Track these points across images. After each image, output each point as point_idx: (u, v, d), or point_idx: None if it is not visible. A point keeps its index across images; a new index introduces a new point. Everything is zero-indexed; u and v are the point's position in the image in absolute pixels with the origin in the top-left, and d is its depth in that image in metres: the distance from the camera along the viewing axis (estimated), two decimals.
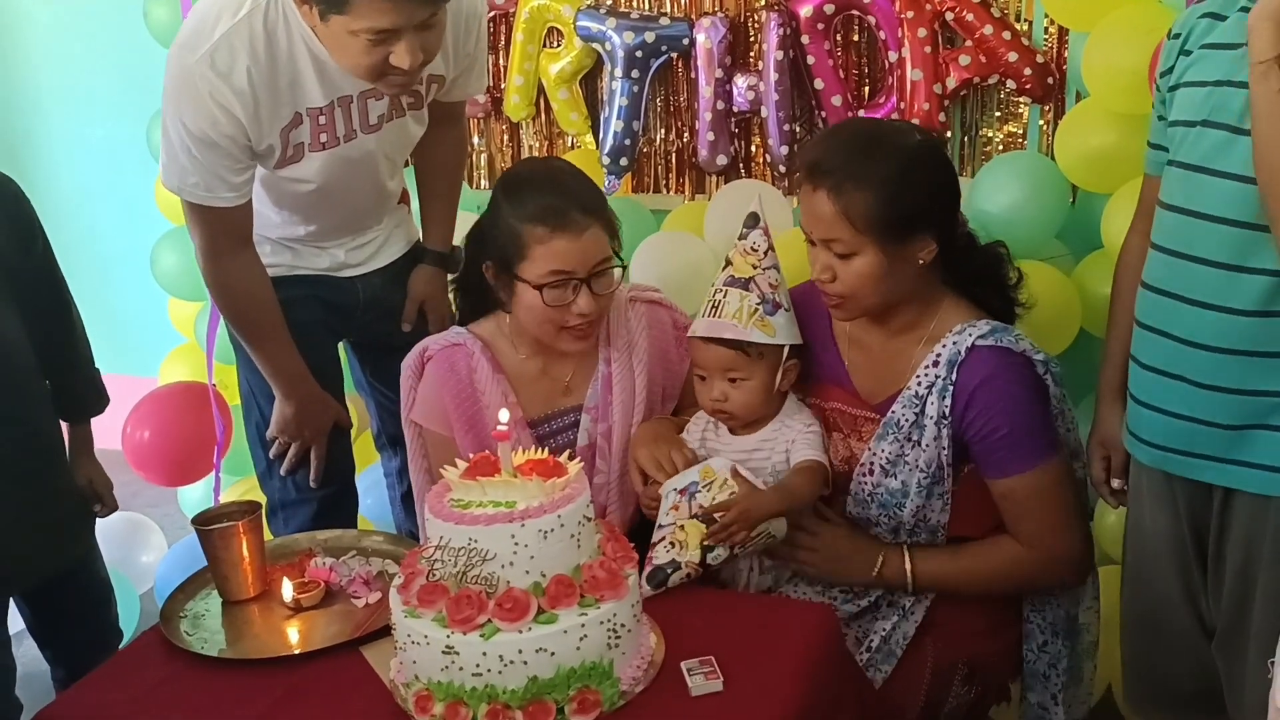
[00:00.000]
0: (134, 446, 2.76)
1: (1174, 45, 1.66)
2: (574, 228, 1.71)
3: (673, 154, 2.95)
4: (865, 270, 1.64)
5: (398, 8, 1.63)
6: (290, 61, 1.79)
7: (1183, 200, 1.58)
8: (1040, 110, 2.64)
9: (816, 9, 2.64)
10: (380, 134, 1.95)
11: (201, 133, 1.77)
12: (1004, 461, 1.66)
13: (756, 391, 1.73)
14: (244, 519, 1.62)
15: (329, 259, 2.10)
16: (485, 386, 1.82)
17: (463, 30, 1.93)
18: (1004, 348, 1.65)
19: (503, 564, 1.29)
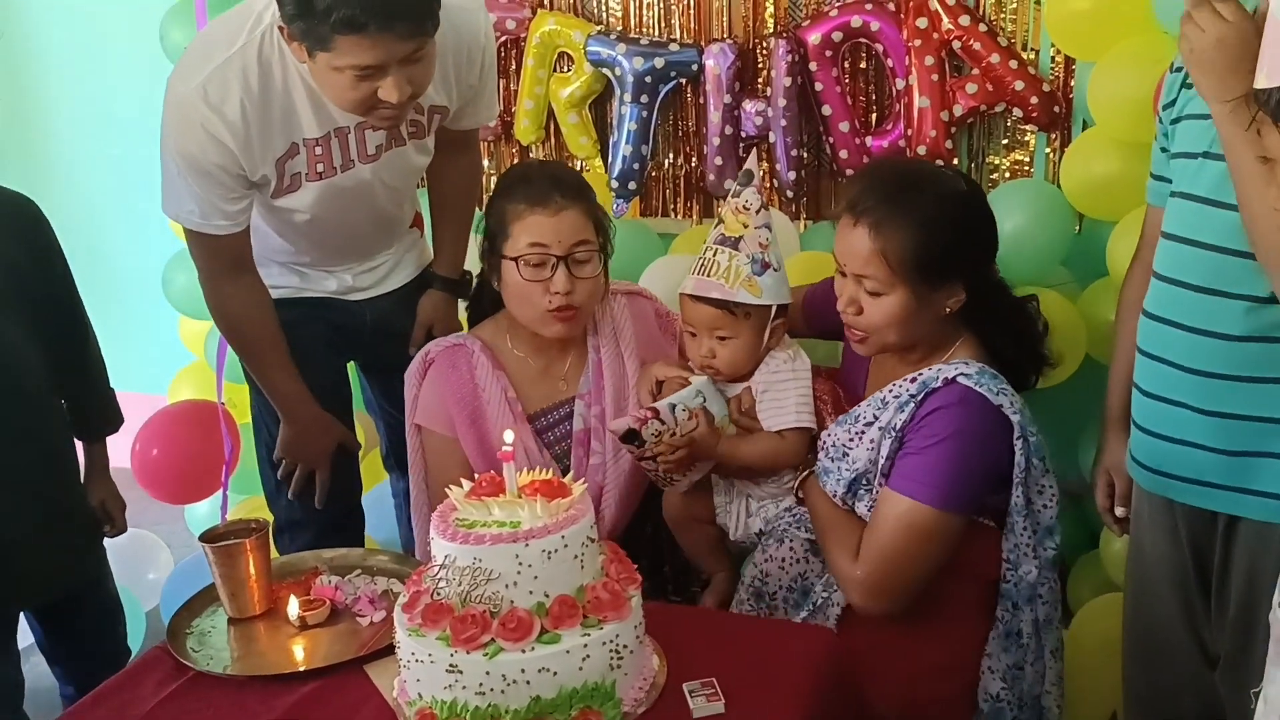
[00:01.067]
0: (142, 464, 2.77)
1: (1176, 78, 1.67)
2: (551, 205, 1.80)
3: (681, 178, 2.97)
4: (892, 310, 1.64)
5: (379, 45, 1.63)
6: (285, 94, 1.81)
7: (1187, 231, 1.59)
8: (1047, 138, 2.65)
9: (825, 36, 2.67)
10: (378, 163, 1.96)
11: (194, 161, 1.81)
12: (900, 476, 1.62)
13: (742, 350, 1.78)
14: (251, 537, 1.63)
15: (336, 282, 2.12)
16: (485, 383, 1.89)
17: (464, 60, 1.93)
18: (980, 393, 1.61)
19: (507, 584, 1.30)
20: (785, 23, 2.77)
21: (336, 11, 1.59)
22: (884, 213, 1.60)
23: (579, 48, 2.84)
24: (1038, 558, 1.69)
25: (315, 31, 1.63)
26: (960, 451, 1.60)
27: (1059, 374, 2.45)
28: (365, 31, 1.61)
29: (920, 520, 1.60)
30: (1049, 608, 1.72)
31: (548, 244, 1.79)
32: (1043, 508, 1.69)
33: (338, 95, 1.72)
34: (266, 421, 2.17)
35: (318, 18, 1.61)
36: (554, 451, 1.93)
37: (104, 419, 2.12)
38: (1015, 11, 2.60)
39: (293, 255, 2.10)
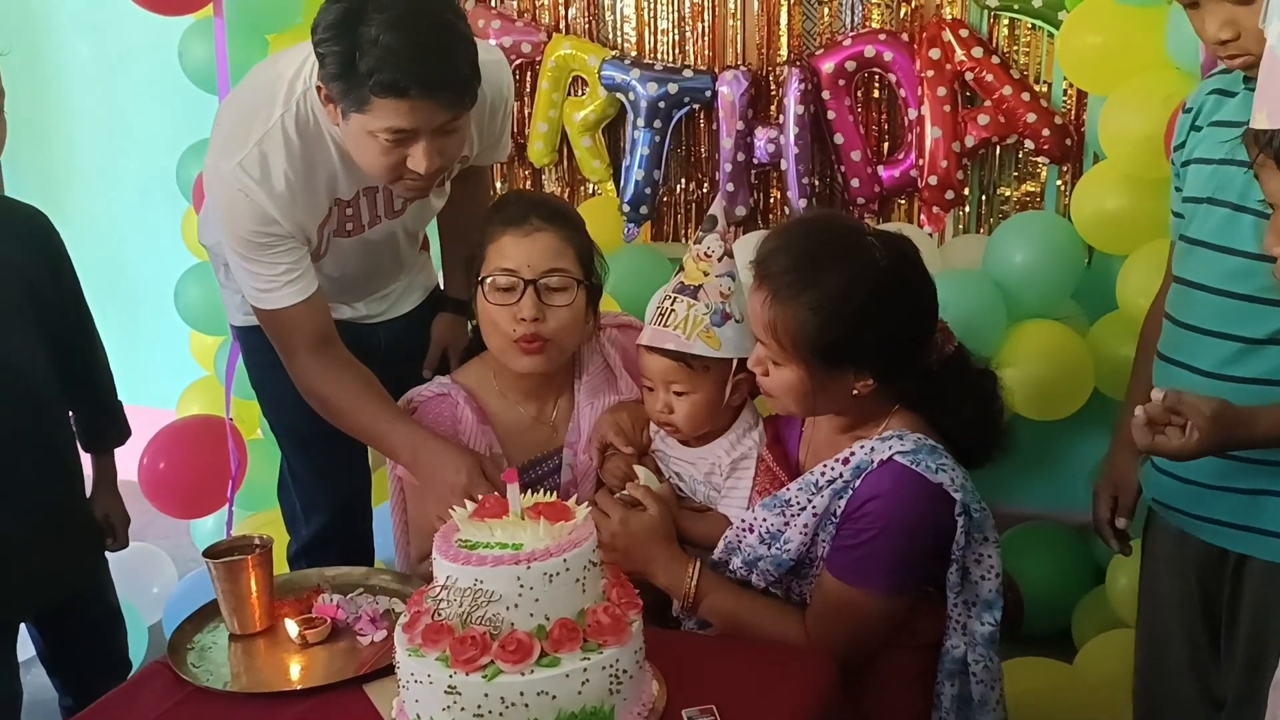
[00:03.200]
0: (149, 477, 2.78)
1: (1186, 119, 1.68)
2: (525, 227, 1.72)
3: (692, 204, 2.99)
4: (789, 383, 1.52)
5: (416, 110, 1.60)
6: (324, 156, 1.79)
7: (1193, 274, 1.60)
8: (1058, 171, 2.66)
9: (838, 65, 2.69)
10: (403, 216, 1.96)
11: (250, 235, 1.77)
12: (841, 563, 1.53)
13: (701, 405, 1.66)
14: (254, 553, 1.63)
15: (351, 311, 2.12)
16: (470, 435, 1.79)
17: (487, 114, 1.90)
18: (919, 474, 1.48)
19: (507, 605, 1.29)
20: (799, 51, 2.78)
21: (379, 74, 1.56)
22: (783, 284, 1.47)
23: (594, 72, 2.86)
24: (969, 633, 1.56)
25: (355, 93, 1.60)
26: (900, 540, 1.50)
27: (1067, 407, 2.46)
28: (406, 96, 1.58)
29: (866, 605, 1.53)
30: (984, 688, 1.57)
31: (516, 267, 1.70)
32: (980, 579, 1.55)
33: (368, 160, 1.69)
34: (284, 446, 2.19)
35: (359, 79, 1.58)
36: None
37: (112, 431, 2.13)
38: (1028, 44, 2.62)
39: None
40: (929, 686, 1.62)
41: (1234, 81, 1.60)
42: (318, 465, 2.20)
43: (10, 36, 3.74)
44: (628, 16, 2.92)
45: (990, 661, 1.57)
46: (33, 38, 3.74)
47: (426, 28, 1.59)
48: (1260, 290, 1.51)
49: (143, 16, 2.73)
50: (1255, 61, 1.47)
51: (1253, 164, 1.31)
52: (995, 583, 1.55)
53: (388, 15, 1.56)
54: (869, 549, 1.51)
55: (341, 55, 1.59)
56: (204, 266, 2.85)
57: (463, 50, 1.63)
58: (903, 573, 1.53)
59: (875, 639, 1.58)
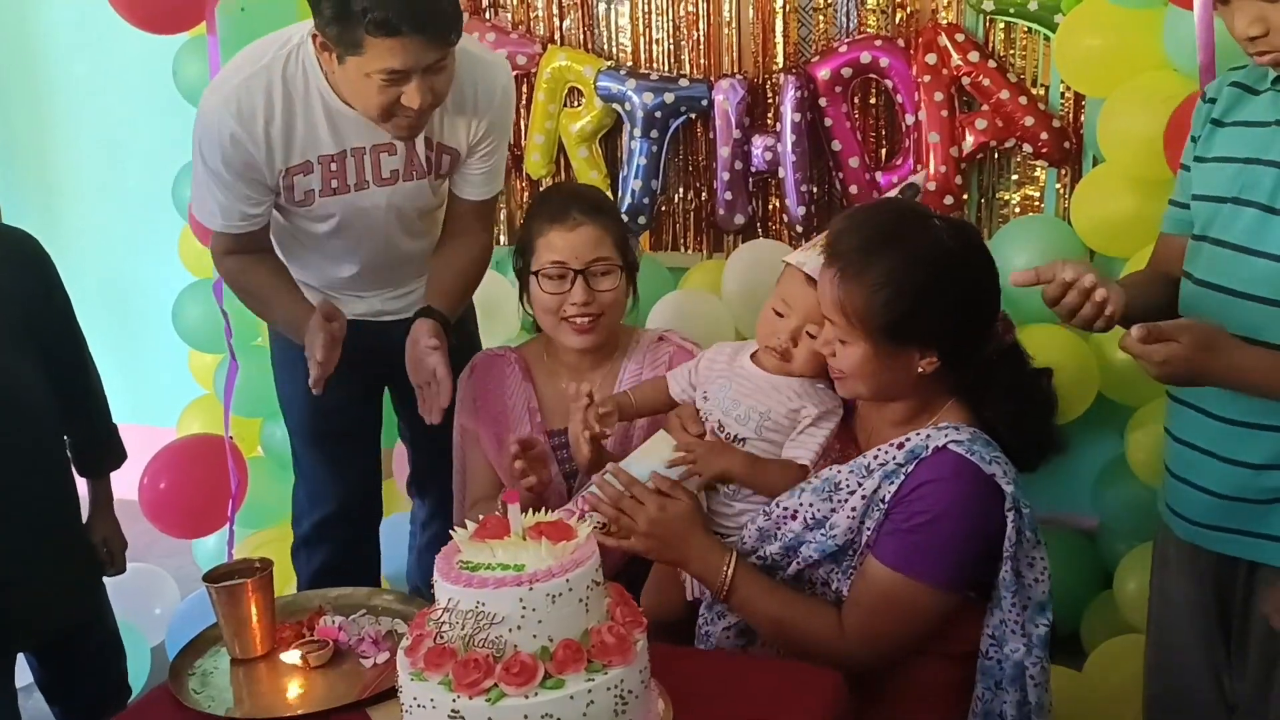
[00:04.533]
0: (150, 498, 2.77)
1: (1205, 110, 1.64)
2: (570, 222, 1.90)
3: (691, 213, 2.97)
4: (856, 361, 1.53)
5: (408, 48, 1.74)
6: (306, 110, 1.93)
7: (1217, 277, 1.55)
8: (1057, 174, 2.65)
9: (834, 72, 2.67)
10: (395, 189, 2.03)
11: (221, 164, 1.92)
12: (891, 549, 1.52)
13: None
14: (254, 576, 1.61)
15: (366, 306, 2.21)
16: (512, 391, 2.00)
17: (478, 106, 2.00)
18: (973, 462, 1.49)
19: (510, 627, 1.28)
20: (795, 58, 2.77)
21: (373, 13, 1.71)
22: (850, 262, 1.51)
23: (589, 83, 2.85)
24: (1026, 635, 1.55)
25: (349, 35, 1.75)
26: (954, 527, 1.50)
27: (1072, 411, 2.44)
28: (398, 34, 1.72)
29: (915, 596, 1.52)
30: (1040, 690, 1.56)
31: (565, 259, 1.89)
32: (1034, 581, 1.55)
33: (364, 100, 1.83)
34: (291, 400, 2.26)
35: (353, 20, 1.72)
36: (564, 469, 1.97)
37: (108, 455, 2.12)
38: (1025, 47, 2.60)
39: (324, 279, 2.18)
40: (958, 698, 1.59)
41: (1259, 78, 1.56)
42: (323, 455, 2.29)
43: (7, 57, 3.77)
44: (622, 27, 2.91)
45: (1045, 663, 1.57)
46: (29, 58, 3.74)
47: None
48: None
49: (137, 35, 2.74)
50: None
51: None
52: (1047, 584, 1.56)
53: None
54: (920, 535, 1.51)
55: (337, 0, 1.73)
56: (202, 284, 2.85)
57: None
58: (953, 565, 1.52)
59: (916, 637, 1.55)
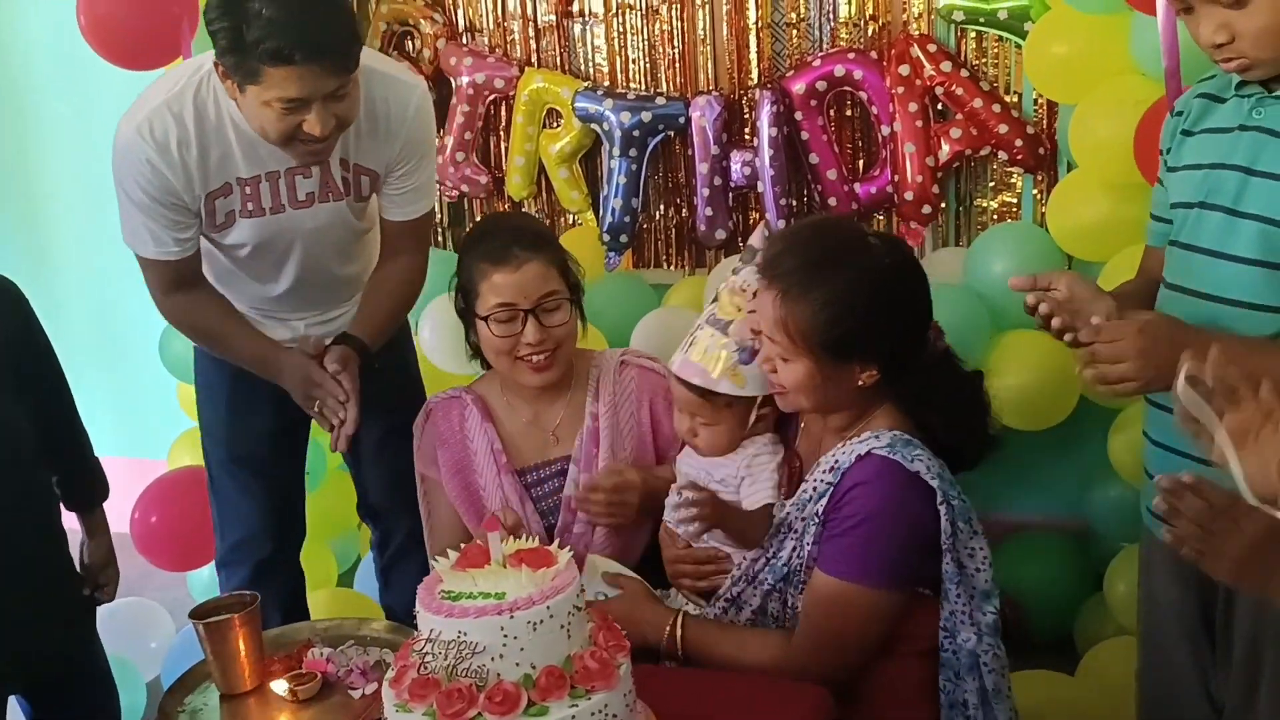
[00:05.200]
0: (142, 532, 2.77)
1: (1174, 123, 1.66)
2: (513, 262, 1.84)
3: (672, 229, 2.99)
4: (798, 377, 1.58)
5: (304, 77, 1.74)
6: (219, 134, 1.93)
7: (1188, 281, 1.57)
8: (1033, 180, 2.66)
9: (809, 86, 2.69)
10: (313, 212, 2.03)
11: (140, 192, 1.93)
12: (829, 554, 1.57)
13: (723, 435, 1.71)
14: (241, 611, 1.62)
15: (289, 330, 2.19)
16: (474, 433, 1.94)
17: (390, 129, 1.99)
18: (895, 461, 1.54)
19: (492, 656, 1.28)
20: (770, 74, 2.79)
21: (265, 43, 1.71)
22: (793, 283, 1.55)
23: (567, 104, 2.87)
24: (975, 624, 1.59)
25: (245, 65, 1.75)
26: (886, 525, 1.54)
27: (1054, 416, 2.46)
28: (292, 63, 1.72)
29: (855, 600, 1.55)
30: (995, 676, 1.60)
31: (513, 300, 1.84)
32: (976, 571, 1.59)
33: (266, 128, 1.83)
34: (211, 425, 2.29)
35: (247, 50, 1.72)
36: (540, 507, 1.94)
37: (94, 488, 2.13)
38: (997, 56, 2.62)
39: (248, 301, 2.18)
40: (930, 693, 1.62)
41: (1224, 87, 1.58)
42: (239, 481, 2.30)
43: None
44: (598, 47, 2.93)
45: (998, 649, 1.61)
46: (13, 100, 3.76)
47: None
48: (1258, 296, 1.49)
49: (118, 73, 2.74)
50: (1250, 65, 1.48)
51: None
52: (989, 573, 1.60)
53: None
54: (854, 537, 1.54)
55: (230, 30, 1.73)
56: None
57: (341, 17, 1.80)
58: (890, 563, 1.55)
59: (869, 639, 1.58)
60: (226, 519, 2.34)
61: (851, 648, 1.58)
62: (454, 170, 3.03)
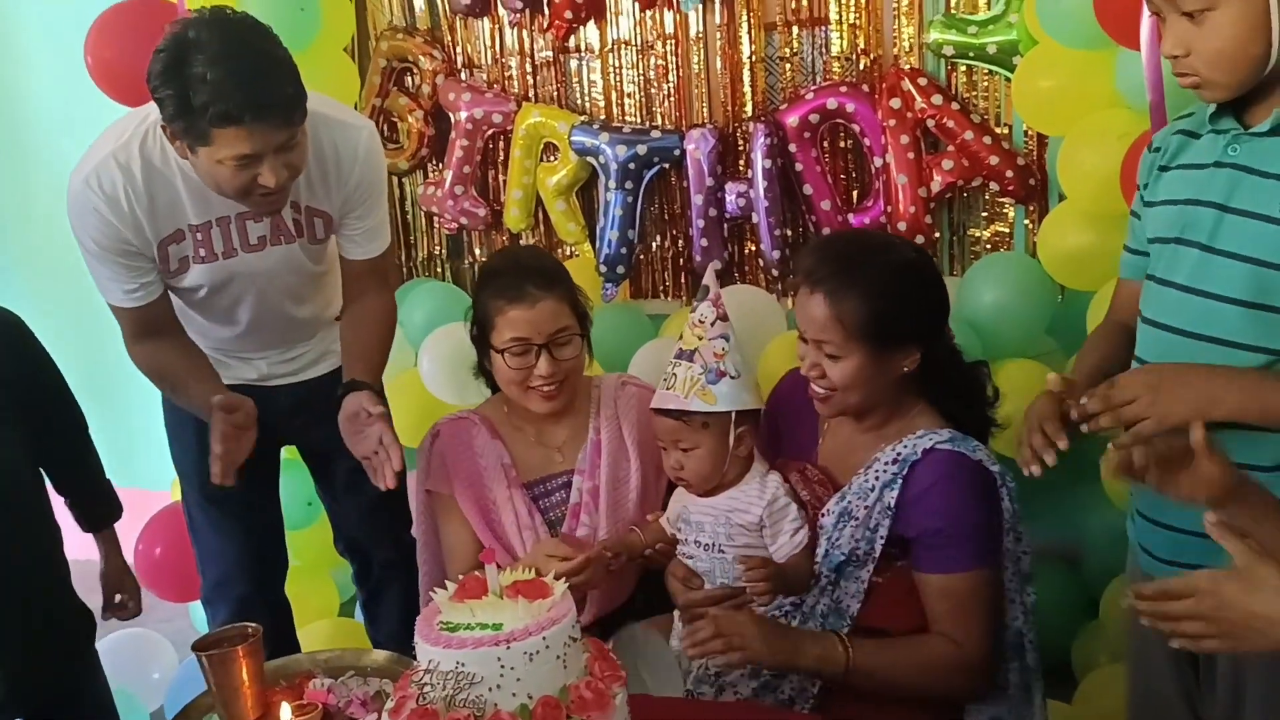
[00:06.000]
0: (144, 563, 2.79)
1: (1152, 159, 1.69)
2: (528, 299, 1.92)
3: (668, 260, 3.03)
4: (851, 372, 1.70)
5: (254, 135, 1.76)
6: (167, 183, 1.95)
7: (1164, 317, 1.59)
8: (1025, 210, 2.70)
9: (802, 118, 2.73)
10: (265, 255, 2.06)
11: (93, 242, 1.96)
12: (940, 559, 1.69)
13: (706, 459, 1.79)
14: (243, 643, 1.64)
15: (254, 370, 2.25)
16: (484, 450, 2.02)
17: (340, 171, 2.02)
18: (959, 453, 1.69)
19: (490, 687, 1.30)
20: (763, 107, 2.83)
21: (213, 107, 1.72)
22: (839, 281, 1.67)
23: (564, 138, 2.91)
24: (1023, 605, 1.75)
25: (195, 128, 1.76)
26: (972, 513, 1.68)
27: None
28: (241, 123, 1.74)
29: (985, 582, 1.69)
30: (1035, 654, 1.76)
31: (528, 336, 1.92)
32: (1022, 554, 1.75)
33: (221, 184, 1.84)
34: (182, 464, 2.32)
35: (195, 114, 1.74)
36: (547, 518, 2.02)
37: (106, 510, 2.20)
38: (987, 89, 2.66)
39: (212, 343, 2.22)
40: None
41: (1200, 123, 1.60)
42: (214, 519, 2.33)
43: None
44: (594, 82, 2.98)
45: (1036, 631, 1.77)
46: (16, 136, 3.80)
47: (247, 58, 1.75)
48: (1236, 334, 1.50)
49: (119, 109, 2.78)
50: (1201, 83, 1.51)
51: None
52: (1029, 558, 1.76)
53: (209, 53, 1.72)
54: (953, 532, 1.67)
55: (176, 97, 1.74)
56: None
57: (284, 72, 1.80)
58: (990, 542, 1.70)
59: (996, 618, 1.72)
60: (205, 557, 2.37)
61: (990, 626, 1.70)
62: (453, 203, 3.07)
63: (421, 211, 3.21)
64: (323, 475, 2.43)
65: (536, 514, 2.00)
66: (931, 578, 1.70)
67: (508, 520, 1.98)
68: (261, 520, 2.37)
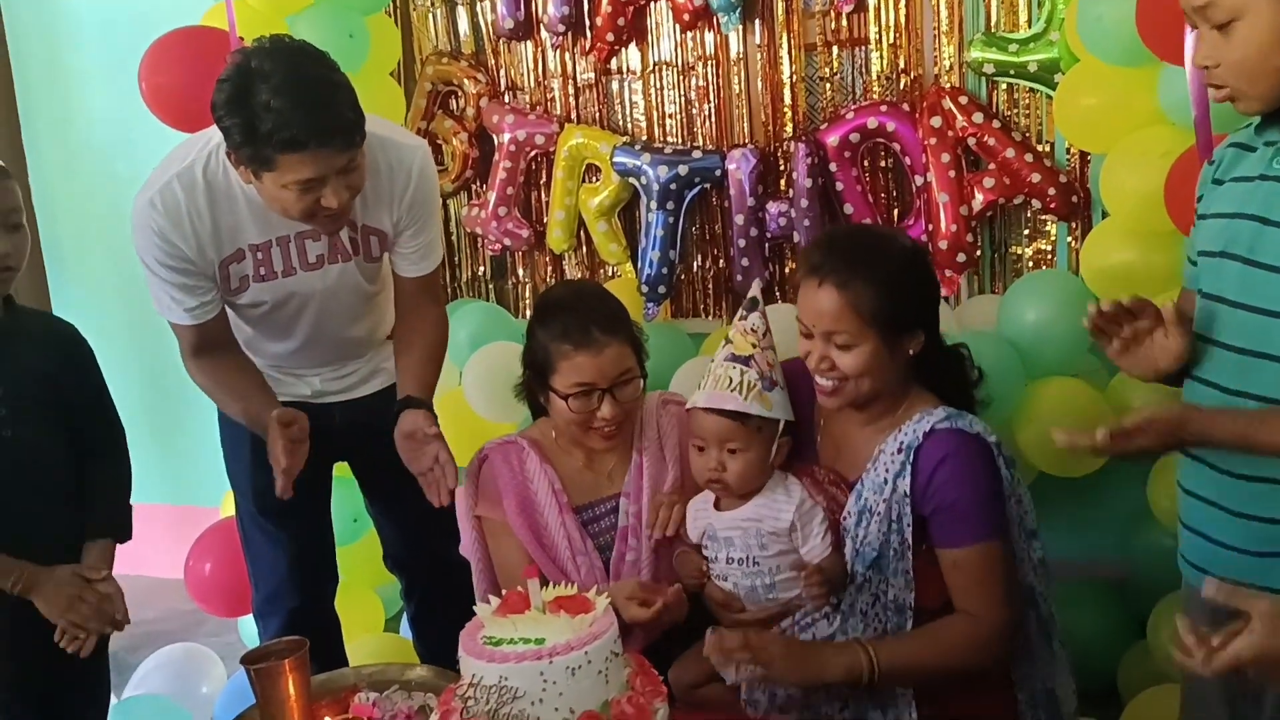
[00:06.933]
0: (196, 578, 2.84)
1: (1208, 171, 1.68)
2: (594, 345, 1.89)
3: (709, 280, 3.04)
4: (863, 360, 1.72)
5: (318, 159, 1.81)
6: (229, 205, 2.00)
7: (1212, 331, 1.58)
8: (1068, 228, 2.69)
9: (843, 138, 2.74)
10: (323, 273, 2.10)
11: (155, 261, 2.01)
12: (955, 533, 1.71)
13: (753, 464, 1.79)
14: (290, 657, 1.67)
15: (308, 386, 2.28)
16: (534, 475, 2.00)
17: (397, 189, 2.06)
18: (960, 429, 1.73)
19: (532, 700, 1.32)
20: (804, 126, 2.85)
21: (278, 134, 1.77)
22: (849, 271, 1.71)
23: (606, 159, 2.94)
24: (1032, 562, 1.80)
25: (260, 155, 1.81)
26: (981, 485, 1.72)
27: (1092, 462, 2.45)
28: (305, 149, 1.78)
29: (995, 554, 1.71)
30: (1047, 605, 1.81)
31: (593, 381, 1.90)
32: (1025, 513, 1.79)
33: (286, 207, 1.89)
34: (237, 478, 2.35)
35: (260, 142, 1.79)
36: (598, 542, 2.01)
37: (117, 529, 2.15)
38: (1028, 106, 2.66)
39: (268, 360, 2.25)
40: None
41: (1252, 136, 1.59)
42: (266, 533, 2.34)
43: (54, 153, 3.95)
44: (636, 103, 3.01)
45: (1048, 580, 1.82)
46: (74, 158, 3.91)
47: (310, 85, 1.80)
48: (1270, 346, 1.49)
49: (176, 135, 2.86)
50: (1232, 94, 1.50)
51: None
52: (1033, 514, 1.81)
53: (273, 82, 1.77)
54: (964, 505, 1.70)
55: (242, 125, 1.79)
56: None
57: (344, 97, 1.84)
58: (999, 514, 1.74)
59: (1013, 585, 1.75)
60: (258, 570, 2.40)
61: (1015, 596, 1.74)
62: (496, 224, 3.11)
63: (465, 233, 3.26)
64: (373, 491, 2.46)
65: (588, 539, 1.99)
66: (945, 552, 1.73)
67: (560, 545, 1.97)
68: (313, 535, 2.40)
